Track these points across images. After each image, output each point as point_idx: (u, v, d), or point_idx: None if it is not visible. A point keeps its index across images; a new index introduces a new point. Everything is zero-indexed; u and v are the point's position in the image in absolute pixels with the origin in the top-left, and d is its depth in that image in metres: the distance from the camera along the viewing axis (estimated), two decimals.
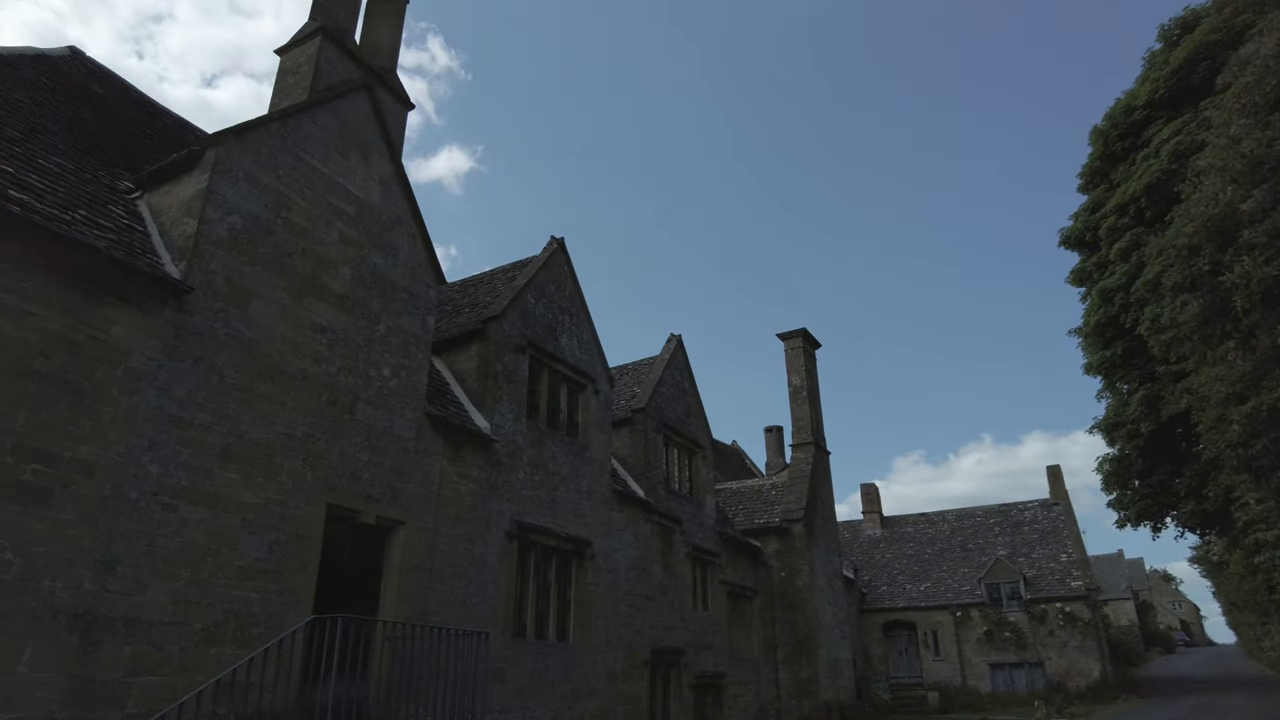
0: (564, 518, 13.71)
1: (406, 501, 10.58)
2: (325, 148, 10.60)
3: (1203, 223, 11.56)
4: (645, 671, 15.27)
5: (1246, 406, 11.05)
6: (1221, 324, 11.53)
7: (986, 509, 33.90)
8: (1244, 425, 11.26)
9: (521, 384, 13.34)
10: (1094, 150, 26.74)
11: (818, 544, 21.97)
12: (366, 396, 10.33)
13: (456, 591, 11.10)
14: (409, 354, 11.15)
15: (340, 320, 10.23)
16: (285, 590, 8.76)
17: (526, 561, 12.80)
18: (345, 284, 10.42)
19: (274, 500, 8.87)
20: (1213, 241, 11.47)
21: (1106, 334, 25.43)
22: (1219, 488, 22.52)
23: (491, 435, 12.22)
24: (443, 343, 13.37)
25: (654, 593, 16.16)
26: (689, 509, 18.42)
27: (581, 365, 15.18)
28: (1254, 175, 10.88)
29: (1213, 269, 11.27)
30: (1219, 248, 11.36)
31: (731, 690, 18.54)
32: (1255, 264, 10.85)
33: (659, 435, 17.86)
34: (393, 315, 11.04)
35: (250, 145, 9.48)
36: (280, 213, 9.72)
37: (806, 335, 25.15)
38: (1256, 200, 10.85)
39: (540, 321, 14.26)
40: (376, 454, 10.27)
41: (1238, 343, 11.26)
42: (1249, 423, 11.15)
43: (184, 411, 8.13)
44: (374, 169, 11.36)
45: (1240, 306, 10.89)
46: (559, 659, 12.94)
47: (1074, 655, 27.38)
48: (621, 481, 16.28)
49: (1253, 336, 11.06)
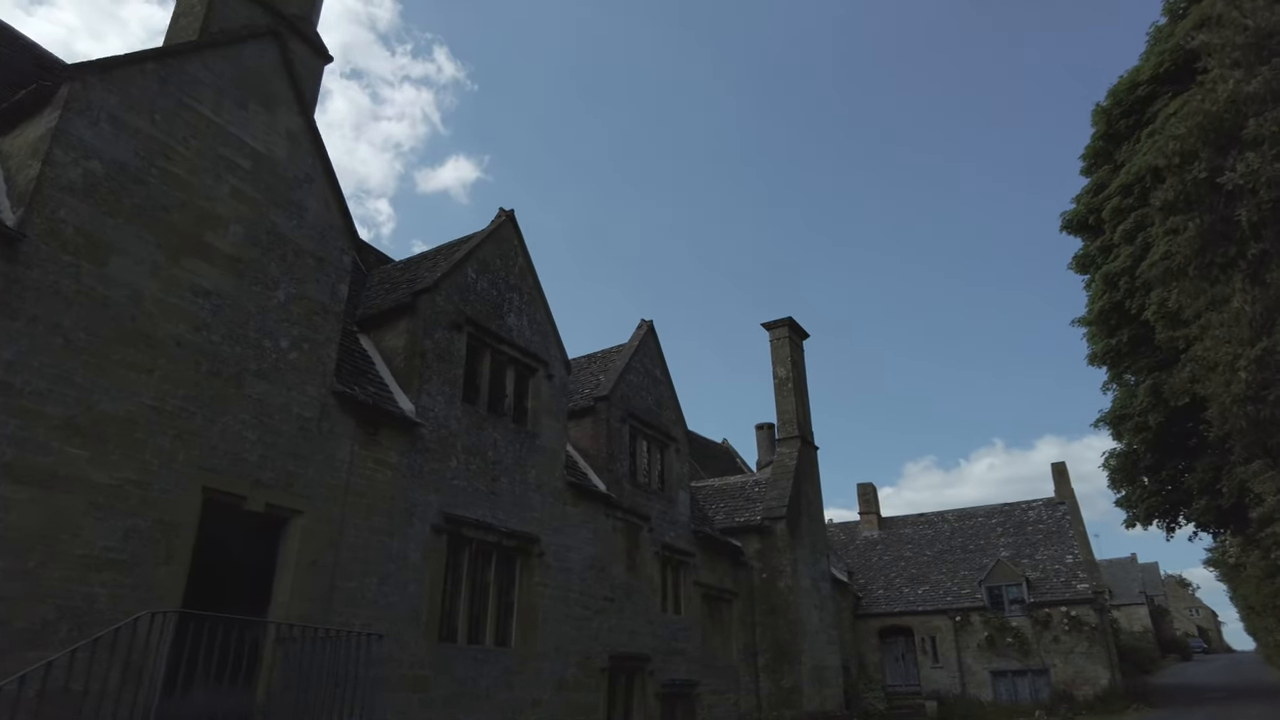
0: (506, 511, 12.52)
1: (306, 488, 9.43)
2: (219, 95, 9.52)
3: (1199, 121, 9.90)
4: (602, 680, 14.03)
5: (1256, 349, 9.36)
6: (1225, 249, 9.71)
7: (988, 509, 32.41)
8: (1252, 373, 9.56)
9: (457, 364, 12.19)
10: (1096, 130, 25.42)
11: (802, 543, 20.67)
12: (258, 369, 9.20)
13: (367, 590, 9.92)
14: (314, 325, 10.02)
15: (228, 284, 9.12)
16: (143, 585, 7.62)
17: (459, 559, 11.61)
18: (236, 244, 9.31)
19: (132, 481, 7.74)
20: (1211, 145, 9.88)
21: (1111, 321, 24.09)
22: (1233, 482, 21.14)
23: (416, 418, 11.06)
24: (372, 319, 12.27)
25: (615, 594, 14.94)
26: (659, 505, 17.19)
27: (532, 347, 14.01)
28: (1261, 51, 9.15)
29: (1211, 178, 9.51)
30: (1218, 151, 9.73)
31: (705, 700, 17.26)
32: (1264, 160, 8.89)
33: (624, 426, 16.65)
34: (295, 281, 9.92)
35: (117, 84, 8.40)
36: (156, 161, 8.63)
37: (793, 325, 23.92)
38: (1264, 79, 9.14)
39: (483, 298, 13.11)
40: (268, 434, 9.13)
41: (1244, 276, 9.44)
42: (1258, 369, 9.44)
43: (11, 376, 7.02)
44: (280, 122, 10.28)
45: (1246, 222, 9.14)
46: (497, 666, 11.73)
47: (1080, 662, 25.88)
48: (581, 474, 15.09)
49: (1263, 268, 9.36)
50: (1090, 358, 25.40)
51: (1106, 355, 24.55)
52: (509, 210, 14.31)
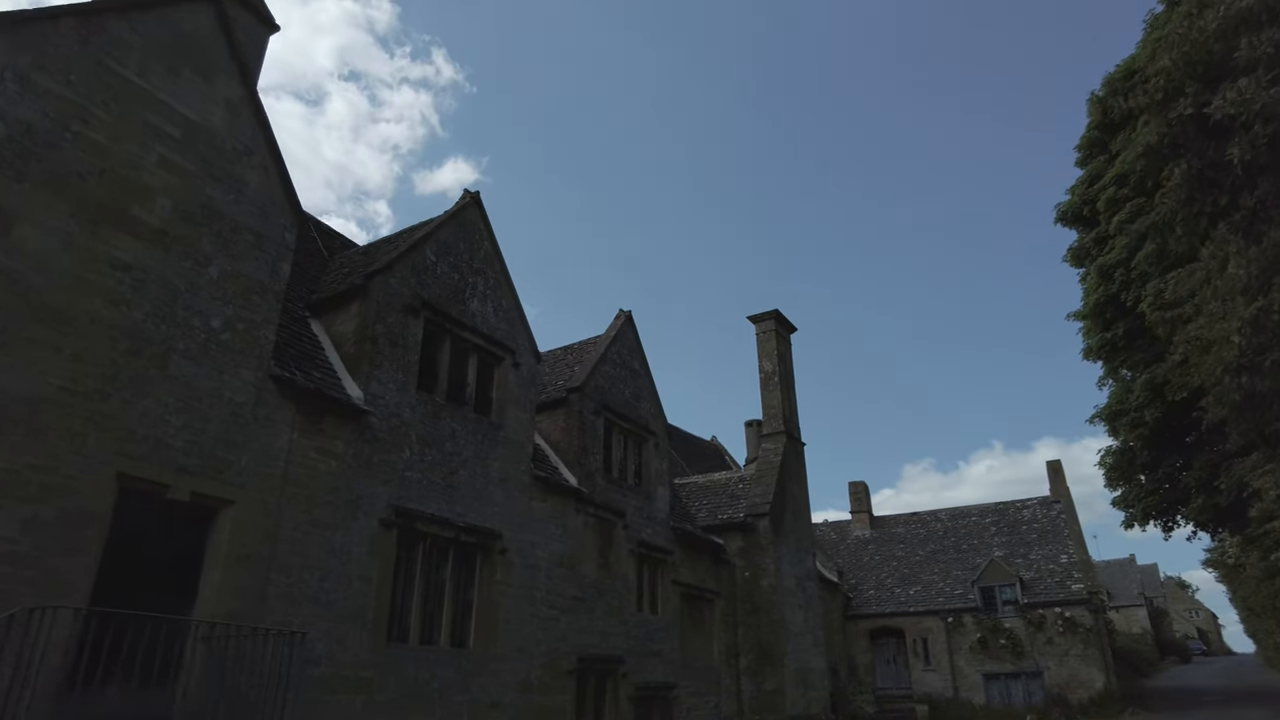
0: (465, 505, 11.92)
1: (238, 477, 8.84)
2: (147, 59, 8.94)
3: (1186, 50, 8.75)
4: (570, 682, 13.42)
5: (1251, 308, 8.26)
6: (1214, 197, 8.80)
7: (982, 507, 31.75)
8: (1246, 336, 8.50)
9: (412, 350, 11.59)
10: (1091, 119, 24.79)
11: (787, 541, 20.06)
12: (185, 350, 8.61)
13: (307, 586, 9.33)
14: (251, 304, 9.43)
15: (154, 258, 8.53)
16: (43, 579, 7.02)
17: (412, 554, 11.01)
18: (164, 217, 8.73)
19: (34, 467, 7.15)
20: (1199, 79, 8.83)
21: (1106, 314, 23.48)
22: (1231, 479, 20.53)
23: (364, 406, 10.47)
24: (324, 303, 11.69)
25: (585, 593, 14.33)
26: (635, 501, 16.59)
27: (497, 335, 13.41)
28: None
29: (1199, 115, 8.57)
30: (1208, 86, 8.63)
31: (684, 703, 16.64)
32: (1258, 87, 7.81)
33: (599, 418, 16.05)
34: (231, 258, 9.33)
35: (26, 42, 7.83)
36: (71, 126, 8.06)
37: (780, 318, 23.32)
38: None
39: (443, 282, 12.52)
40: (196, 418, 8.54)
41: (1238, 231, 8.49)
42: (1253, 331, 8.37)
43: None
44: (218, 91, 9.69)
45: (1239, 161, 8.17)
46: (451, 667, 11.13)
47: (1075, 664, 25.25)
48: (552, 468, 14.49)
49: (1259, 220, 8.34)
50: (1085, 352, 24.78)
51: (1102, 349, 23.95)
52: (474, 192, 13.73)
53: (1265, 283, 7.78)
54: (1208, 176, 8.30)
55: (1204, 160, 8.26)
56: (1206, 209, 8.39)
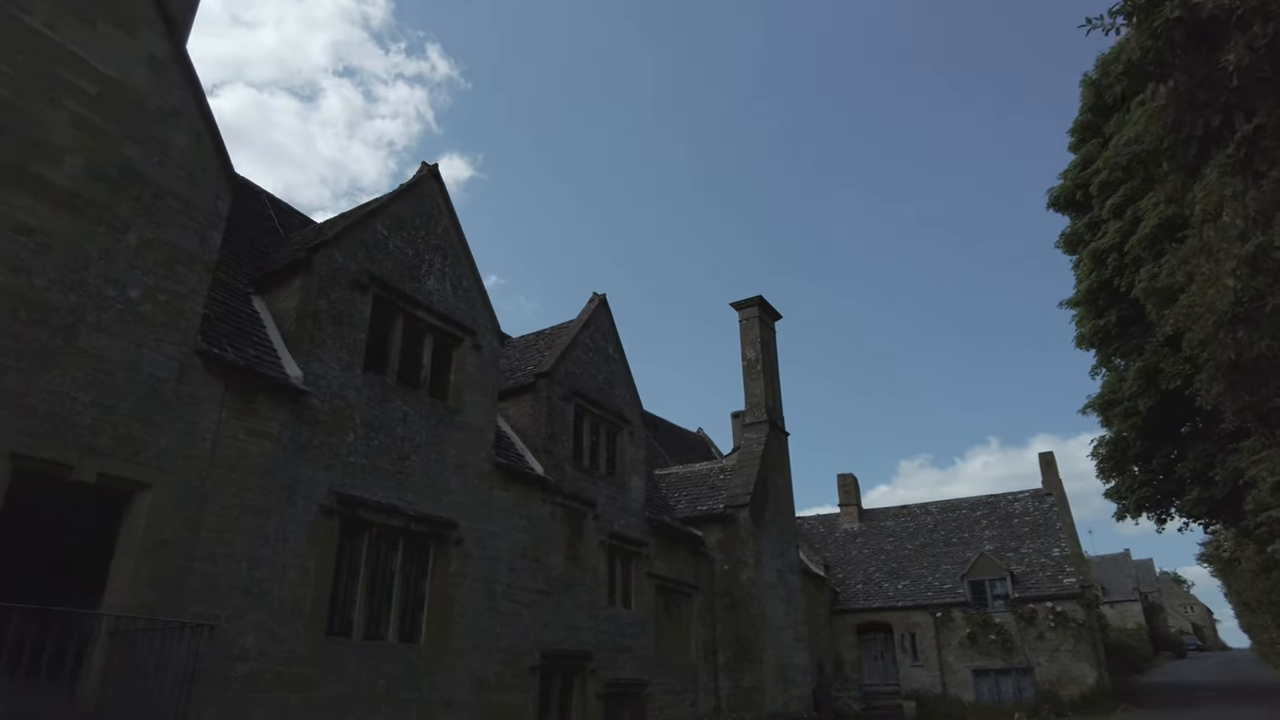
0: (417, 493, 11.30)
1: (156, 458, 8.21)
2: (57, 9, 8.28)
3: None
4: (533, 679, 12.82)
5: (1248, 246, 7.34)
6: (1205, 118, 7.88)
7: (973, 500, 31.16)
8: (1243, 280, 7.57)
9: (359, 328, 10.96)
10: (1085, 101, 24.20)
11: (768, 533, 19.46)
12: (97, 322, 7.97)
13: (235, 576, 8.71)
14: (175, 275, 8.78)
15: (62, 222, 7.89)
16: None
17: (356, 544, 10.39)
18: (74, 178, 8.08)
19: None
20: None
21: (1099, 301, 22.91)
22: (1227, 470, 19.95)
23: (302, 386, 9.84)
24: (267, 279, 11.06)
25: (552, 587, 13.72)
26: (607, 491, 15.98)
27: (456, 315, 12.78)
28: None
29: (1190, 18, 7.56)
30: None
31: (658, 700, 16.05)
32: None
33: (569, 404, 15.43)
34: (152, 225, 8.69)
35: None
36: None
37: (763, 304, 22.71)
38: None
39: (396, 258, 11.88)
40: (107, 395, 7.91)
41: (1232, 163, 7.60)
42: (1250, 272, 7.43)
43: None
44: (142, 47, 9.03)
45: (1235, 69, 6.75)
46: (399, 663, 10.52)
47: (1066, 660, 24.68)
48: (516, 456, 13.87)
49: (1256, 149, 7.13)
50: (1078, 340, 24.23)
51: (1095, 337, 23.37)
52: (433, 165, 13.08)
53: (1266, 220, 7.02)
54: (1198, 98, 7.54)
55: (1194, 78, 7.50)
56: (1197, 133, 7.61)
